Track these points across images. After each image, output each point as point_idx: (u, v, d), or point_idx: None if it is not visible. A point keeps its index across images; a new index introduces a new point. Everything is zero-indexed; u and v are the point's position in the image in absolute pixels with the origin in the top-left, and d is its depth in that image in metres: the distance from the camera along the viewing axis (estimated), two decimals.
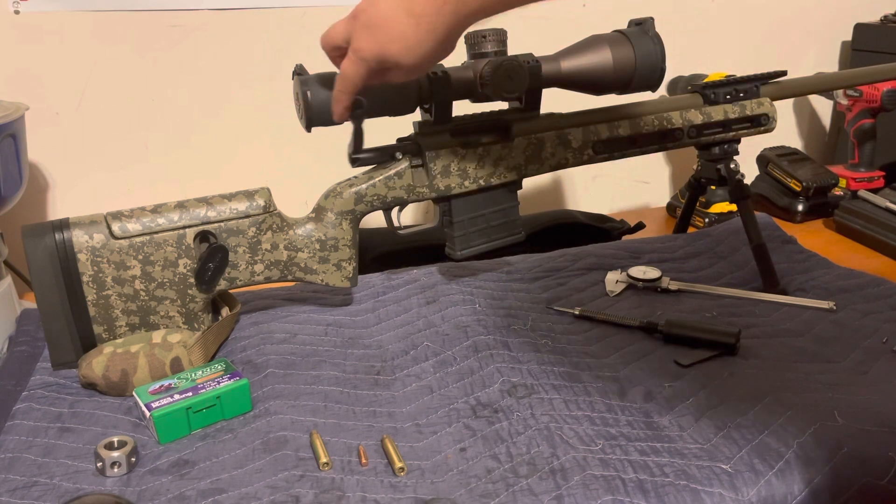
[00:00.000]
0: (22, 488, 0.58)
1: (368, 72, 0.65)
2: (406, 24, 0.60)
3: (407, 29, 0.60)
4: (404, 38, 0.61)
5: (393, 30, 0.61)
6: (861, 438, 0.61)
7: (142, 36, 1.11)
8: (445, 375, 0.72)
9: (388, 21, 0.61)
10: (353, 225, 0.82)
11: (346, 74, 0.67)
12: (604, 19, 0.94)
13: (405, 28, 0.60)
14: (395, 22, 0.60)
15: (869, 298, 0.86)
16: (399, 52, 0.61)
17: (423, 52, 0.61)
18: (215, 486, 0.58)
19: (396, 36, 0.61)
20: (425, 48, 0.61)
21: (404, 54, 0.62)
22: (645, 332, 0.80)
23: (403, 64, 0.62)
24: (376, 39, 0.62)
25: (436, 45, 0.62)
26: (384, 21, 0.61)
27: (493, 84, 0.79)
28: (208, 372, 0.69)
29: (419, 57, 0.62)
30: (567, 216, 1.16)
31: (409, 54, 0.62)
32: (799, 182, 1.25)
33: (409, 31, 0.60)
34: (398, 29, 0.61)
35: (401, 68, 0.63)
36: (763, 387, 0.69)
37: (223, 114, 1.18)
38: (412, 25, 0.60)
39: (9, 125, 0.90)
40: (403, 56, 0.62)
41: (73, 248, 0.72)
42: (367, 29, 0.63)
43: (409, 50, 0.61)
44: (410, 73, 0.64)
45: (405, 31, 0.60)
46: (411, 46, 0.61)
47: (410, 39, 0.61)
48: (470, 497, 0.56)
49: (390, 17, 0.61)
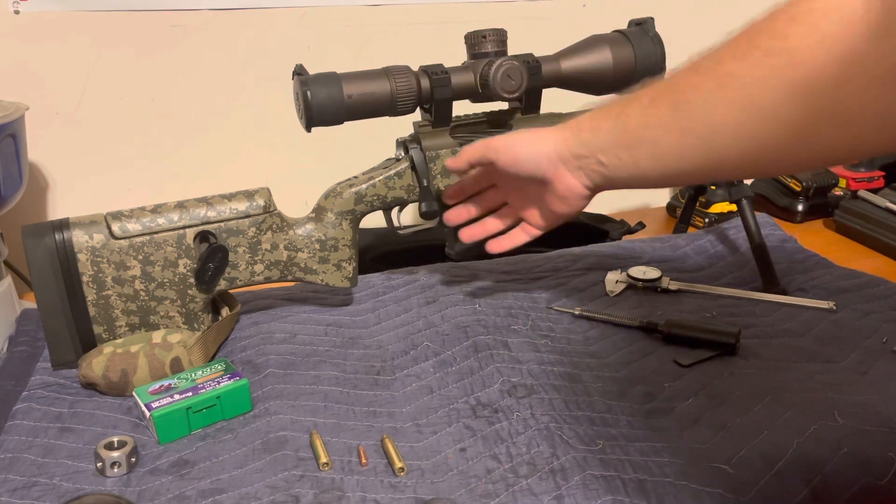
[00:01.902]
0: (22, 488, 0.58)
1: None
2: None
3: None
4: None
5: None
6: (861, 438, 0.61)
7: (142, 36, 1.11)
8: (445, 375, 0.72)
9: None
10: (353, 225, 0.82)
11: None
12: (604, 19, 0.94)
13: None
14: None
15: (869, 298, 0.86)
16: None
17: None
18: (215, 486, 0.58)
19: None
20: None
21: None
22: (645, 332, 0.80)
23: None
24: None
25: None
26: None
27: (493, 84, 0.79)
28: (208, 372, 0.69)
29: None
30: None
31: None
32: (799, 182, 1.25)
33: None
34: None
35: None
36: (763, 387, 0.69)
37: (223, 114, 1.18)
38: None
39: (9, 125, 0.90)
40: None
41: (73, 248, 0.72)
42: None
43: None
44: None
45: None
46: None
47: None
48: (470, 497, 0.56)
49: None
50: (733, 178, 0.70)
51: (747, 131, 0.52)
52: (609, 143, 0.63)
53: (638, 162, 0.61)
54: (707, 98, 0.54)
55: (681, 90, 0.56)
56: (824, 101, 0.47)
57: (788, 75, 0.48)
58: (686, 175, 0.60)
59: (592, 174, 0.65)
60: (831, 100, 0.47)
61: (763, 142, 0.52)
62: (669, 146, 0.58)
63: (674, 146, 0.58)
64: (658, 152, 0.59)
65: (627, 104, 0.61)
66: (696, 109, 0.55)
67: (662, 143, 0.58)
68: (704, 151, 0.56)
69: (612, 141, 0.62)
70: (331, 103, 0.76)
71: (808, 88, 0.47)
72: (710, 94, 0.54)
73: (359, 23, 1.19)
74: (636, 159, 0.61)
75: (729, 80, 0.52)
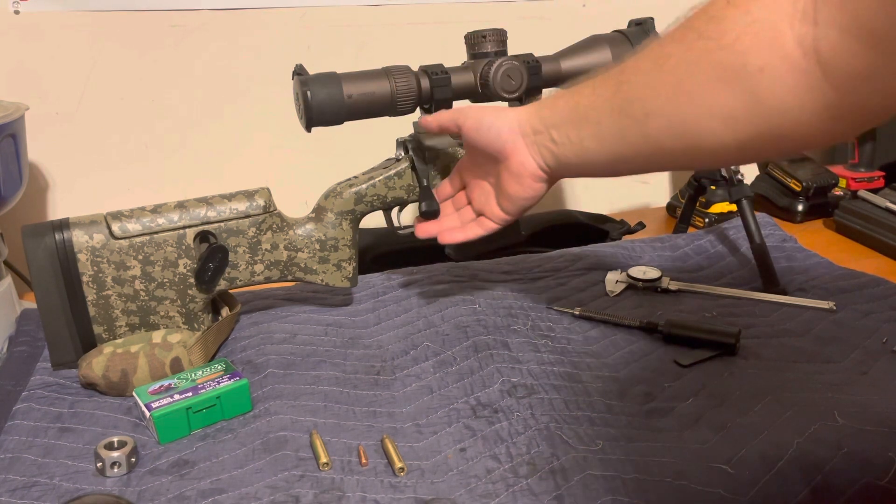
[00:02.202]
0: (22, 488, 0.58)
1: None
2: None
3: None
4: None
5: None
6: (861, 438, 0.61)
7: (142, 36, 1.11)
8: (445, 375, 0.72)
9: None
10: (353, 225, 0.82)
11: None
12: (604, 19, 0.94)
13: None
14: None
15: (869, 298, 0.86)
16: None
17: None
18: (215, 486, 0.58)
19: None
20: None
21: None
22: (645, 332, 0.80)
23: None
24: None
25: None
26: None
27: (493, 84, 0.79)
28: (208, 372, 0.69)
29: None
30: (567, 216, 1.16)
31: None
32: (799, 182, 1.25)
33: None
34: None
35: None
36: (763, 387, 0.69)
37: (223, 114, 1.18)
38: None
39: (9, 125, 0.90)
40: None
41: (73, 248, 0.72)
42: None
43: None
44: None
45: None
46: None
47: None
48: (470, 497, 0.56)
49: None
50: (677, 168, 0.69)
51: (679, 115, 0.52)
52: (561, 119, 0.63)
53: (583, 141, 0.61)
54: (644, 80, 0.55)
55: (625, 71, 0.57)
56: (747, 86, 0.47)
57: (715, 58, 0.48)
58: (629, 161, 0.59)
59: (545, 151, 0.65)
60: (754, 86, 0.46)
61: (693, 128, 0.51)
62: (610, 127, 0.58)
63: (614, 128, 0.58)
64: (601, 133, 0.59)
65: (584, 85, 0.61)
66: (634, 91, 0.55)
67: (605, 123, 0.59)
68: (642, 135, 0.56)
69: (564, 118, 0.63)
70: (331, 103, 0.76)
71: (733, 73, 0.47)
72: (646, 76, 0.54)
73: (359, 23, 1.19)
74: (582, 138, 0.61)
75: (664, 61, 0.52)
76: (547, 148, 0.65)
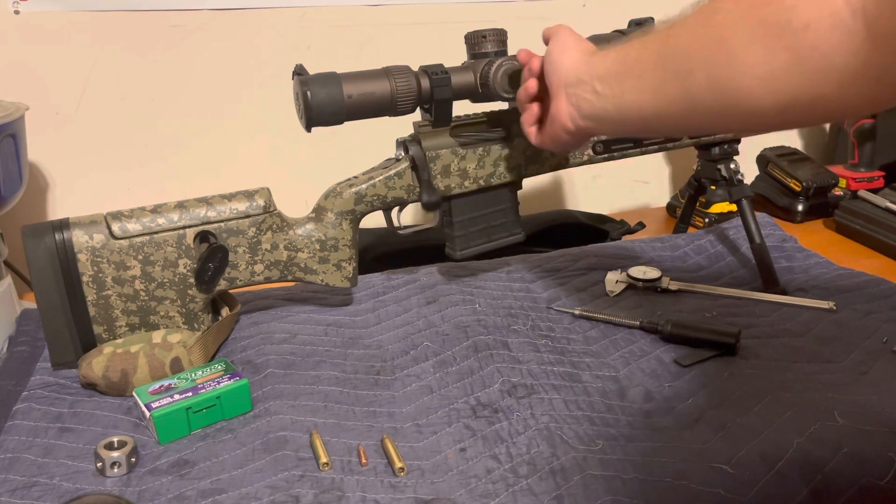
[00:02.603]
0: (22, 488, 0.58)
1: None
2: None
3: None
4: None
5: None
6: (861, 438, 0.61)
7: (142, 36, 1.11)
8: (445, 375, 0.72)
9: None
10: (353, 225, 0.82)
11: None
12: (604, 19, 0.94)
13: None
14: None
15: (869, 298, 0.86)
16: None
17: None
18: (215, 486, 0.58)
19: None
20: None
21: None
22: (645, 332, 0.80)
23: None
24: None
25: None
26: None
27: (493, 84, 0.79)
28: (208, 372, 0.69)
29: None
30: (567, 216, 1.16)
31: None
32: (799, 182, 1.25)
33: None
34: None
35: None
36: (763, 387, 0.69)
37: (223, 114, 1.18)
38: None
39: (9, 125, 0.90)
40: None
41: (73, 248, 0.72)
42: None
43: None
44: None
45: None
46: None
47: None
48: (470, 497, 0.56)
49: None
50: (714, 130, 0.67)
51: (719, 72, 0.51)
52: (607, 71, 0.62)
53: (624, 94, 0.60)
54: (689, 34, 0.54)
55: (674, 26, 0.56)
56: (790, 43, 0.46)
57: (762, 14, 0.47)
58: (666, 118, 0.58)
59: (584, 103, 0.65)
60: (797, 43, 0.45)
61: (732, 86, 0.50)
62: (652, 80, 0.58)
63: (656, 81, 0.57)
64: (642, 85, 0.59)
65: (636, 37, 0.61)
66: (679, 45, 0.55)
67: (647, 76, 0.58)
68: (682, 90, 0.55)
69: (611, 69, 0.62)
70: (331, 103, 0.76)
71: (777, 29, 0.46)
72: (692, 30, 0.54)
73: (359, 23, 1.19)
74: (624, 90, 0.61)
75: (711, 16, 0.52)
76: (586, 99, 0.64)
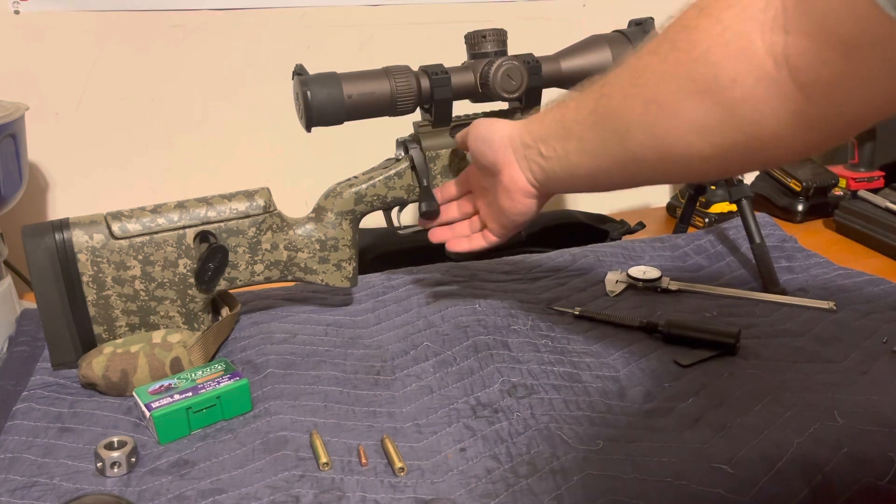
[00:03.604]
0: (22, 488, 0.58)
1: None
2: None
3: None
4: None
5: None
6: (861, 438, 0.61)
7: (142, 36, 1.11)
8: (445, 375, 0.72)
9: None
10: (353, 225, 0.82)
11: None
12: (604, 19, 0.94)
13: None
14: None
15: (869, 298, 0.86)
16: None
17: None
18: (215, 486, 0.58)
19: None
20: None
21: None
22: (645, 332, 0.80)
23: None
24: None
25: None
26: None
27: (493, 84, 0.79)
28: (208, 372, 0.69)
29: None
30: (567, 216, 1.16)
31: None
32: (799, 182, 1.25)
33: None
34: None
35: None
36: (763, 387, 0.69)
37: (223, 114, 1.18)
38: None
39: (9, 125, 0.90)
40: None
41: (73, 248, 0.72)
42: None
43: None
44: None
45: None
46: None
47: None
48: (470, 497, 0.56)
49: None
50: (662, 181, 0.68)
51: (656, 129, 0.51)
52: (549, 133, 0.63)
53: (569, 155, 0.61)
54: (621, 93, 0.54)
55: (605, 85, 0.56)
56: (720, 98, 0.46)
57: (688, 70, 0.47)
58: (613, 175, 0.59)
59: (534, 166, 0.65)
60: (727, 98, 0.45)
61: (671, 141, 0.50)
62: (593, 141, 0.58)
63: (597, 141, 0.57)
64: (585, 147, 0.59)
65: (571, 98, 0.61)
66: (613, 105, 0.55)
67: (588, 137, 0.58)
68: (623, 149, 0.55)
69: (551, 132, 0.62)
70: (331, 103, 0.76)
71: (705, 85, 0.46)
72: (623, 90, 0.54)
73: (359, 23, 1.19)
74: (567, 152, 0.61)
75: (640, 73, 0.52)
76: (536, 162, 0.65)
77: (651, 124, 0.51)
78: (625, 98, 0.53)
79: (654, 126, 0.51)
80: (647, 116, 0.51)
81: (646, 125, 0.52)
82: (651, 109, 0.51)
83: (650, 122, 0.51)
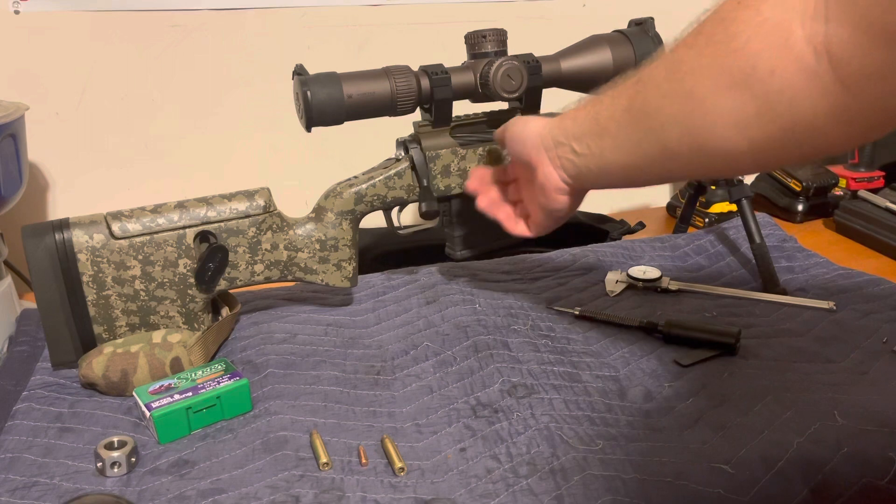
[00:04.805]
0: (22, 488, 0.58)
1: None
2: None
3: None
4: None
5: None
6: (861, 438, 0.61)
7: (142, 36, 1.11)
8: (445, 375, 0.72)
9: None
10: (353, 225, 0.82)
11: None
12: (604, 19, 0.94)
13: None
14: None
15: (869, 298, 0.86)
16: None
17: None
18: (215, 486, 0.58)
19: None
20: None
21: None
22: (645, 332, 0.80)
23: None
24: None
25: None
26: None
27: (493, 84, 0.79)
28: (208, 372, 0.69)
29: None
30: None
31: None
32: (799, 182, 1.25)
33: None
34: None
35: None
36: (763, 387, 0.69)
37: (223, 114, 1.18)
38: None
39: (9, 125, 0.90)
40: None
41: (73, 248, 0.72)
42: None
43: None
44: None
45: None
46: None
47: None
48: (470, 497, 0.56)
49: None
50: (696, 177, 0.68)
51: (693, 124, 0.51)
52: (583, 131, 0.62)
53: (603, 152, 0.60)
54: (657, 88, 0.53)
55: (641, 80, 0.56)
56: (758, 91, 0.45)
57: (726, 63, 0.47)
58: (647, 171, 0.58)
59: (566, 163, 0.65)
60: (765, 90, 0.45)
61: (707, 136, 0.50)
62: (628, 137, 0.57)
63: (633, 138, 0.57)
64: (619, 144, 0.58)
65: (604, 94, 0.61)
66: (649, 100, 0.55)
67: (623, 134, 0.58)
68: (659, 144, 0.55)
69: (585, 129, 0.62)
70: (331, 103, 0.76)
71: (743, 77, 0.46)
72: (660, 85, 0.53)
73: (359, 23, 1.19)
74: (602, 149, 0.60)
75: (676, 68, 0.51)
76: (568, 160, 0.64)
77: (687, 119, 0.51)
78: (660, 93, 0.53)
79: (690, 121, 0.51)
80: (683, 111, 0.51)
81: (681, 120, 0.52)
82: (687, 104, 0.50)
83: (686, 116, 0.51)
